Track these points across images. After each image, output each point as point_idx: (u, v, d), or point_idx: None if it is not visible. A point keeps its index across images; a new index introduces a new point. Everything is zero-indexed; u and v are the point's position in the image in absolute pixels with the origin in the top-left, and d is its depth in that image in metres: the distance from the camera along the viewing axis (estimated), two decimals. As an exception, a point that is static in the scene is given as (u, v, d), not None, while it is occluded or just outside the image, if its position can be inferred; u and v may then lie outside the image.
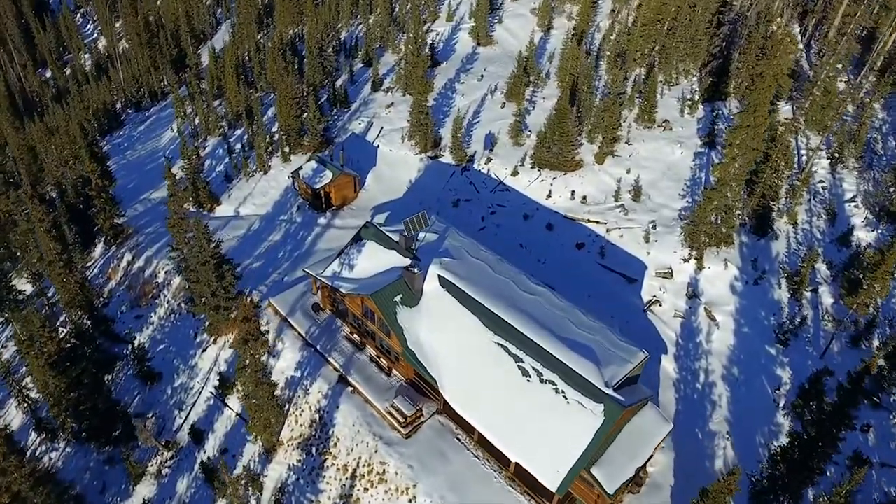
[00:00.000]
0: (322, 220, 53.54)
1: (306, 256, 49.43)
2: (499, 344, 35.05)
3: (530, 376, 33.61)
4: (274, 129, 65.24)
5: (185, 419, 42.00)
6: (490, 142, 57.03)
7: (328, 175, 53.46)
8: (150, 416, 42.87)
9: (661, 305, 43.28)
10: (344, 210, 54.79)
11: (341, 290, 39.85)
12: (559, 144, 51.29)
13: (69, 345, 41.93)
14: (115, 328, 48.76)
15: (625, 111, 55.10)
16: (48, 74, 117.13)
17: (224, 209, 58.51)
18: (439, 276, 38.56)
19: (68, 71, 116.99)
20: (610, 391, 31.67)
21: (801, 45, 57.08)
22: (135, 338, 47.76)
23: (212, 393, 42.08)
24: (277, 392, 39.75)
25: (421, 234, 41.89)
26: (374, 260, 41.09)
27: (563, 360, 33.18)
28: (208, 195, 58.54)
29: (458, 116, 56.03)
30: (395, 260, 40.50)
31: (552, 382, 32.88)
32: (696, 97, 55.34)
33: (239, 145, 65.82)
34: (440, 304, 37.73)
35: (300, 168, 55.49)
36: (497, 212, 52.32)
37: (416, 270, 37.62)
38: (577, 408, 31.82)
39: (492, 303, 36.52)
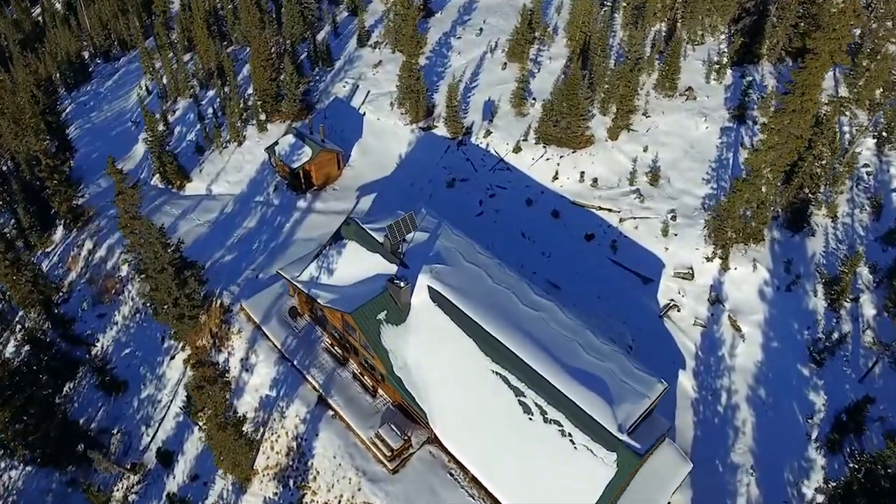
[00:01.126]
0: (302, 204, 48.09)
1: (283, 248, 44.39)
2: (497, 373, 30.72)
3: (532, 414, 29.44)
4: (249, 90, 58.57)
5: (153, 437, 38.29)
6: (490, 111, 50.69)
7: (307, 152, 47.57)
8: (115, 431, 39.20)
9: (679, 311, 38.67)
10: (326, 191, 49.24)
11: (319, 300, 35.19)
12: (568, 118, 45.13)
13: (21, 358, 37.75)
14: (77, 328, 44.37)
15: (643, 76, 48.42)
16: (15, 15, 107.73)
17: (195, 186, 52.95)
18: (429, 287, 33.80)
19: (37, 11, 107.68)
20: (624, 437, 27.57)
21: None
22: (97, 340, 43.51)
23: (181, 409, 38.16)
24: (251, 414, 35.92)
25: (408, 235, 36.83)
26: (357, 264, 36.19)
27: (571, 397, 28.93)
28: (177, 170, 52.85)
29: (454, 83, 49.45)
30: (380, 265, 35.61)
31: (557, 423, 28.74)
32: (725, 60, 48.52)
33: (211, 109, 59.26)
34: (430, 322, 33.14)
35: (276, 143, 49.47)
36: (497, 194, 46.81)
37: (402, 284, 32.81)
38: (586, 455, 27.81)
39: (489, 322, 31.94)
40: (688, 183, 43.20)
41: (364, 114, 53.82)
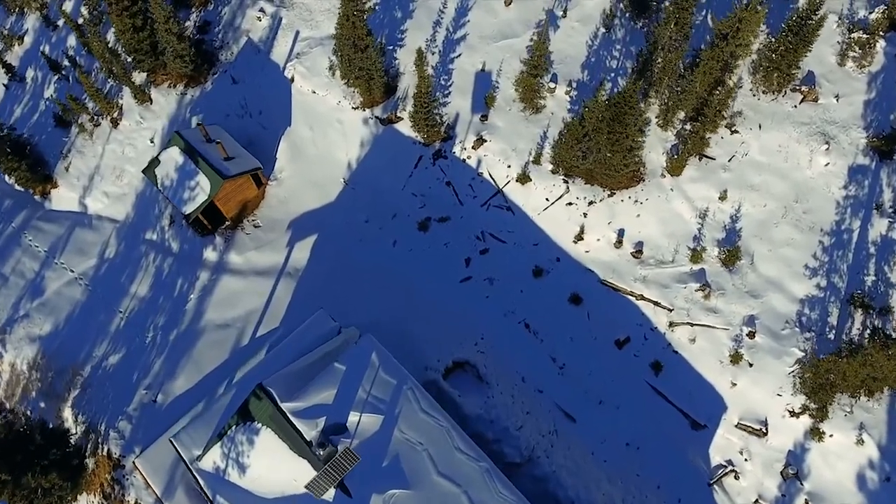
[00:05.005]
0: (211, 254, 33.39)
1: (188, 341, 31.44)
2: None
3: None
4: (118, 15, 38.09)
5: None
6: (483, 96, 32.33)
7: (204, 184, 31.16)
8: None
9: (737, 479, 27.82)
10: (244, 228, 33.92)
11: (227, 522, 24.60)
12: (606, 150, 28.02)
13: None
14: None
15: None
16: None
17: (64, 196, 37.30)
18: (383, 540, 22.92)
19: None
20: None
21: None
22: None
23: (84, 582, 30.20)
24: None
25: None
26: (275, 466, 24.66)
27: None
28: (31, 172, 36.54)
29: (422, 49, 30.00)
30: (309, 478, 24.07)
31: None
32: (875, 24, 28.66)
33: (70, 47, 39.56)
34: (384, 592, 23.05)
35: (156, 161, 32.42)
36: (491, 251, 31.87)
37: (339, 557, 21.93)
38: None
39: None
40: (782, 268, 28.25)
41: (292, 79, 35.11)
